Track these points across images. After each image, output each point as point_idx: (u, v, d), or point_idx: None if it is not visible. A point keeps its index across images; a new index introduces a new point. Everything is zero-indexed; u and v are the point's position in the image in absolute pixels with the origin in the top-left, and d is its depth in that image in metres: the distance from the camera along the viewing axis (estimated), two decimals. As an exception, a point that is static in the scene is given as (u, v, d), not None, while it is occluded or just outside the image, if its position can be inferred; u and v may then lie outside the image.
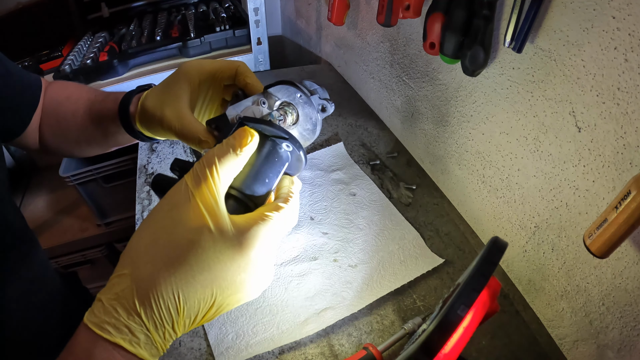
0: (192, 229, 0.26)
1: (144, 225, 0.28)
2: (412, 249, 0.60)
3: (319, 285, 0.55)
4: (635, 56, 0.36)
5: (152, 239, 0.27)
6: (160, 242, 0.26)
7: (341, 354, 0.49)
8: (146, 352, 0.25)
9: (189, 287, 0.25)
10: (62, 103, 0.49)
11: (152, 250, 0.26)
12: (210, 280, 0.26)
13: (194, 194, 0.27)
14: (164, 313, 0.25)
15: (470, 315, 0.31)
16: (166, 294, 0.25)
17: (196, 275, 0.26)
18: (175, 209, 0.27)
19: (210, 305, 0.27)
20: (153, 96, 0.40)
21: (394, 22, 0.65)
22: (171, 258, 0.26)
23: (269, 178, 0.32)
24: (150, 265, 0.26)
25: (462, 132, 0.63)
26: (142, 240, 0.27)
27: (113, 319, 0.25)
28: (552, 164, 0.48)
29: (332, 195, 0.69)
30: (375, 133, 0.84)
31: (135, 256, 0.26)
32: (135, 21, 1.18)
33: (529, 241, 0.54)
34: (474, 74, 0.52)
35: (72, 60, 0.98)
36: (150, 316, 0.25)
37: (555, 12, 0.42)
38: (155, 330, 0.25)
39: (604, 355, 0.45)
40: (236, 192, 0.31)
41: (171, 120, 0.37)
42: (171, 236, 0.26)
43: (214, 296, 0.26)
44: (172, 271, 0.25)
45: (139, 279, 0.25)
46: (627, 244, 0.40)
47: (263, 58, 1.09)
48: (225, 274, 0.26)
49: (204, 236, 0.26)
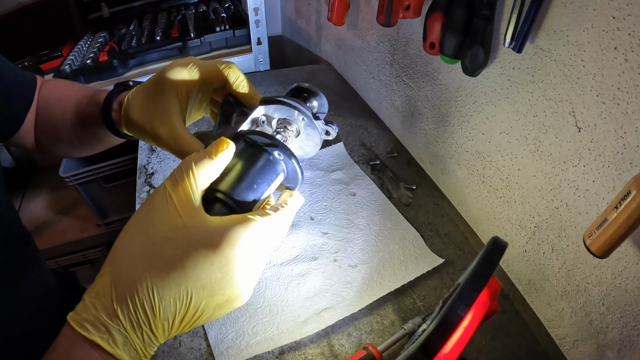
0: (168, 228, 0.27)
1: (125, 226, 0.28)
2: (412, 249, 0.60)
3: (319, 285, 0.55)
4: (635, 56, 0.36)
5: (130, 238, 0.27)
6: (137, 240, 0.27)
7: (341, 354, 0.49)
8: (125, 354, 0.25)
9: (163, 284, 0.25)
10: (52, 104, 0.48)
11: (129, 248, 0.27)
12: (184, 278, 0.26)
13: (170, 195, 0.28)
14: (139, 311, 0.25)
15: (470, 315, 0.31)
16: (141, 291, 0.25)
17: (170, 272, 0.25)
18: (154, 209, 0.28)
19: (187, 306, 0.26)
20: (138, 106, 0.38)
21: (394, 22, 0.65)
22: (147, 256, 0.26)
23: (257, 184, 0.32)
24: (127, 264, 0.26)
25: (462, 132, 0.63)
26: (122, 239, 0.28)
27: (92, 317, 0.25)
28: (552, 164, 0.48)
29: (332, 195, 0.69)
30: (375, 133, 0.84)
31: (115, 255, 0.27)
32: (135, 21, 1.18)
33: (529, 241, 0.54)
34: (474, 74, 0.52)
35: (72, 60, 0.98)
36: (126, 315, 0.25)
37: (555, 12, 0.42)
38: (133, 331, 0.25)
39: (604, 355, 0.45)
40: (224, 196, 0.31)
41: (166, 138, 0.36)
42: (147, 235, 0.27)
43: (189, 295, 0.26)
44: (147, 268, 0.26)
45: (116, 277, 0.26)
46: (627, 244, 0.40)
47: (263, 58, 1.09)
48: (199, 272, 0.26)
49: (178, 233, 0.27)
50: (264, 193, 0.33)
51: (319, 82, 1.01)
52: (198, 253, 0.26)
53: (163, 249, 0.26)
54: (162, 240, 0.26)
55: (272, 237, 0.30)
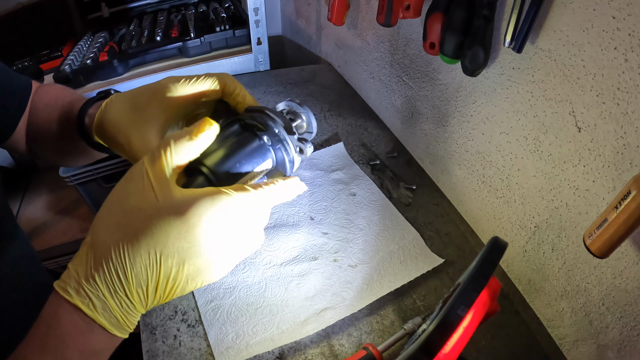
0: (141, 199, 0.28)
1: (107, 198, 0.30)
2: (412, 249, 0.60)
3: (319, 285, 0.55)
4: (635, 56, 0.36)
5: (108, 209, 0.29)
6: (114, 211, 0.28)
7: (341, 354, 0.49)
8: (105, 320, 0.27)
9: (134, 251, 0.26)
10: (40, 110, 0.47)
11: (106, 218, 0.28)
12: (152, 245, 0.27)
13: (147, 169, 0.29)
14: (114, 276, 0.26)
15: (470, 315, 0.31)
16: (114, 256, 0.26)
17: (140, 239, 0.27)
18: (130, 182, 0.29)
19: (158, 274, 0.27)
20: (116, 112, 0.37)
21: (394, 22, 0.65)
22: (121, 225, 0.27)
23: (240, 163, 0.33)
24: (104, 232, 0.28)
25: (462, 132, 0.63)
26: (102, 210, 0.29)
27: (73, 282, 0.27)
28: (552, 164, 0.48)
29: (332, 195, 0.69)
30: (375, 133, 0.84)
31: (94, 225, 0.28)
32: (135, 21, 1.18)
33: (529, 241, 0.54)
34: (474, 74, 0.52)
35: (72, 60, 0.98)
36: (103, 279, 0.26)
37: (555, 12, 0.42)
38: (110, 296, 0.27)
39: (604, 355, 0.45)
40: (206, 169, 0.32)
41: (137, 149, 0.35)
42: (123, 205, 0.28)
43: (158, 262, 0.27)
44: (121, 236, 0.27)
45: (94, 244, 0.27)
46: (627, 244, 0.40)
47: (263, 58, 1.09)
48: (166, 240, 0.27)
49: (149, 204, 0.28)
50: (247, 173, 0.33)
51: (319, 82, 1.01)
52: (165, 220, 0.27)
53: (135, 218, 0.27)
54: (136, 210, 0.28)
55: (250, 214, 0.30)
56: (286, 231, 0.62)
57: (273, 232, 0.61)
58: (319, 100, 0.94)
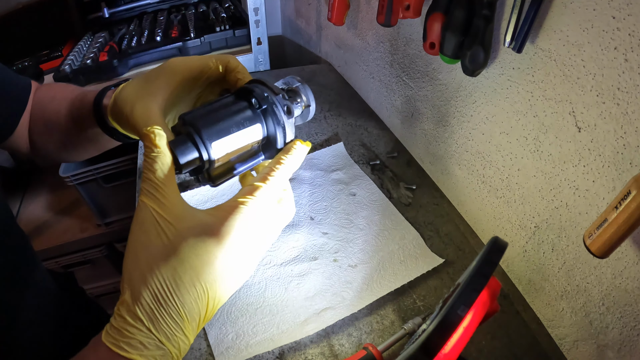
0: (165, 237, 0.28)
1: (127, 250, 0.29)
2: (412, 249, 0.60)
3: (319, 285, 0.55)
4: (635, 56, 0.36)
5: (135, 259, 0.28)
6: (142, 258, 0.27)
7: (341, 354, 0.49)
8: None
9: (180, 290, 0.26)
10: (47, 104, 0.48)
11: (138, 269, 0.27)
12: (195, 277, 0.27)
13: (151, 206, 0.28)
14: (169, 321, 0.26)
15: (470, 315, 0.31)
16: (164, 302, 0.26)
17: (182, 276, 0.27)
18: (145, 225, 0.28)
19: (207, 301, 0.28)
20: (129, 88, 0.37)
21: (394, 22, 0.65)
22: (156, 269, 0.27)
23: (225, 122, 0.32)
24: (141, 283, 0.27)
25: (462, 132, 0.63)
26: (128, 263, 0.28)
27: (128, 338, 0.26)
28: (552, 164, 0.48)
29: (332, 195, 0.69)
30: (375, 133, 0.84)
31: (128, 279, 0.27)
32: (135, 21, 1.18)
33: (529, 241, 0.54)
34: (474, 74, 0.52)
35: (72, 60, 0.98)
36: (159, 328, 0.26)
37: (555, 12, 0.42)
38: (168, 341, 0.26)
39: (604, 355, 0.45)
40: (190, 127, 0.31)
41: (138, 117, 0.34)
42: (149, 250, 0.27)
43: (205, 291, 0.27)
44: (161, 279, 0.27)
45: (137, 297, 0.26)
46: (627, 244, 0.40)
47: (263, 58, 1.09)
48: (207, 267, 0.27)
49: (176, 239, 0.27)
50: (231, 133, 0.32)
51: (319, 82, 1.01)
52: (200, 251, 0.27)
53: (169, 257, 0.27)
54: (163, 250, 0.27)
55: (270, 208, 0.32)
56: (286, 231, 0.62)
57: (273, 232, 0.61)
58: (319, 100, 0.94)
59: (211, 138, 0.31)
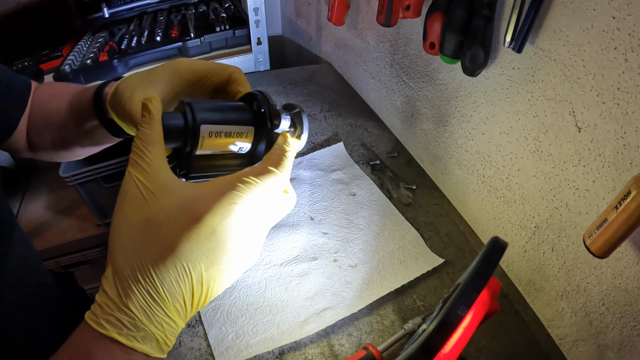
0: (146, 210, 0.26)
1: (111, 222, 0.28)
2: (412, 249, 0.60)
3: (319, 285, 0.55)
4: (635, 56, 0.36)
5: (117, 232, 0.27)
6: (123, 231, 0.27)
7: (341, 354, 0.49)
8: (145, 346, 0.25)
9: (159, 267, 0.25)
10: (47, 101, 0.48)
11: (119, 241, 0.27)
12: (176, 256, 0.25)
13: (137, 177, 0.27)
14: (148, 299, 0.25)
15: (470, 315, 0.31)
16: (142, 279, 0.25)
17: (161, 253, 0.25)
18: (127, 197, 0.27)
19: (191, 282, 0.26)
20: (131, 77, 0.37)
21: (394, 22, 0.65)
22: (135, 243, 0.26)
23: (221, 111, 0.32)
24: (122, 257, 0.26)
25: (462, 132, 0.63)
26: (111, 235, 0.27)
27: (106, 315, 0.25)
28: (552, 164, 0.48)
29: (332, 195, 0.69)
30: (375, 133, 0.84)
31: (110, 253, 0.27)
32: (135, 21, 1.18)
33: (529, 241, 0.54)
34: (474, 74, 0.52)
35: (72, 60, 0.98)
36: (138, 306, 0.25)
37: (555, 12, 0.42)
38: (149, 321, 0.25)
39: (604, 355, 0.45)
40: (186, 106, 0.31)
41: (136, 103, 0.34)
42: (130, 222, 0.27)
43: (188, 271, 0.26)
44: (140, 255, 0.25)
45: (117, 272, 0.26)
46: (627, 244, 0.40)
47: (263, 58, 1.09)
48: (189, 247, 0.26)
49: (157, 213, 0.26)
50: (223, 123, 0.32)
51: (319, 82, 1.01)
52: (182, 227, 0.26)
53: (148, 231, 0.26)
54: (145, 223, 0.26)
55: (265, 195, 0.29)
56: (286, 231, 0.62)
57: (273, 232, 0.61)
58: (319, 100, 0.94)
59: (202, 116, 0.31)
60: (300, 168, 0.74)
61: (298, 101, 0.94)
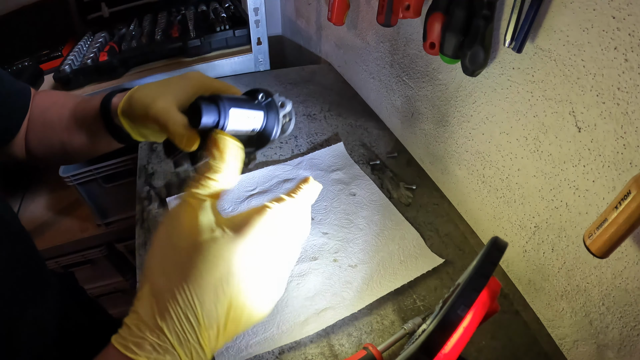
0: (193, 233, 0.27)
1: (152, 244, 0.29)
2: (412, 249, 0.60)
3: (319, 285, 0.55)
4: (635, 56, 0.36)
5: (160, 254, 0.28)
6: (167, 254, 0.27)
7: (341, 354, 0.49)
8: None
9: (201, 289, 0.25)
10: (48, 109, 0.49)
11: (161, 263, 0.27)
12: (219, 279, 0.26)
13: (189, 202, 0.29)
14: (184, 322, 0.25)
15: (470, 315, 0.31)
16: (181, 300, 0.25)
17: (204, 275, 0.26)
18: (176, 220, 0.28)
19: (227, 308, 0.26)
20: (148, 87, 0.40)
21: (394, 22, 0.65)
22: (179, 265, 0.26)
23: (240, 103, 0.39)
24: (162, 278, 0.26)
25: (462, 132, 0.63)
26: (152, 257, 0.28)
27: (137, 338, 0.25)
28: (552, 164, 0.48)
29: (332, 195, 0.69)
30: (375, 133, 0.84)
31: (149, 273, 0.27)
32: (135, 21, 1.18)
33: (529, 241, 0.54)
34: (474, 74, 0.52)
35: (72, 60, 0.98)
36: (172, 328, 0.25)
37: (555, 12, 0.42)
38: (180, 346, 0.25)
39: (604, 355, 0.45)
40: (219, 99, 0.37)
41: (159, 111, 0.37)
42: (175, 246, 0.27)
43: (227, 296, 0.26)
44: (182, 277, 0.26)
45: (155, 292, 0.26)
46: (627, 244, 0.40)
47: (263, 58, 1.09)
48: (231, 269, 0.26)
49: (204, 236, 0.27)
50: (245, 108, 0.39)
51: (319, 82, 1.01)
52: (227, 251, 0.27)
53: (193, 256, 0.26)
54: (191, 247, 0.27)
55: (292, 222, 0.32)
56: (286, 231, 0.62)
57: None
58: (319, 100, 0.94)
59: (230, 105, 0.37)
60: (300, 168, 0.74)
61: (298, 101, 0.94)
